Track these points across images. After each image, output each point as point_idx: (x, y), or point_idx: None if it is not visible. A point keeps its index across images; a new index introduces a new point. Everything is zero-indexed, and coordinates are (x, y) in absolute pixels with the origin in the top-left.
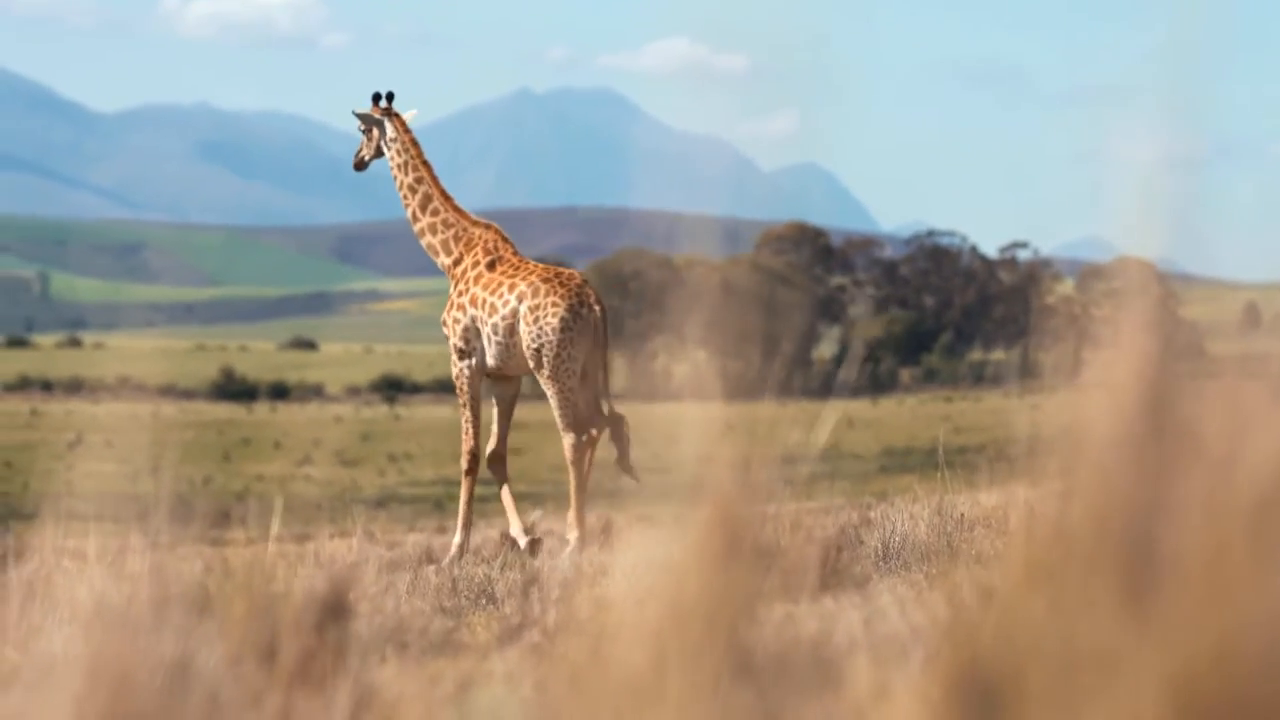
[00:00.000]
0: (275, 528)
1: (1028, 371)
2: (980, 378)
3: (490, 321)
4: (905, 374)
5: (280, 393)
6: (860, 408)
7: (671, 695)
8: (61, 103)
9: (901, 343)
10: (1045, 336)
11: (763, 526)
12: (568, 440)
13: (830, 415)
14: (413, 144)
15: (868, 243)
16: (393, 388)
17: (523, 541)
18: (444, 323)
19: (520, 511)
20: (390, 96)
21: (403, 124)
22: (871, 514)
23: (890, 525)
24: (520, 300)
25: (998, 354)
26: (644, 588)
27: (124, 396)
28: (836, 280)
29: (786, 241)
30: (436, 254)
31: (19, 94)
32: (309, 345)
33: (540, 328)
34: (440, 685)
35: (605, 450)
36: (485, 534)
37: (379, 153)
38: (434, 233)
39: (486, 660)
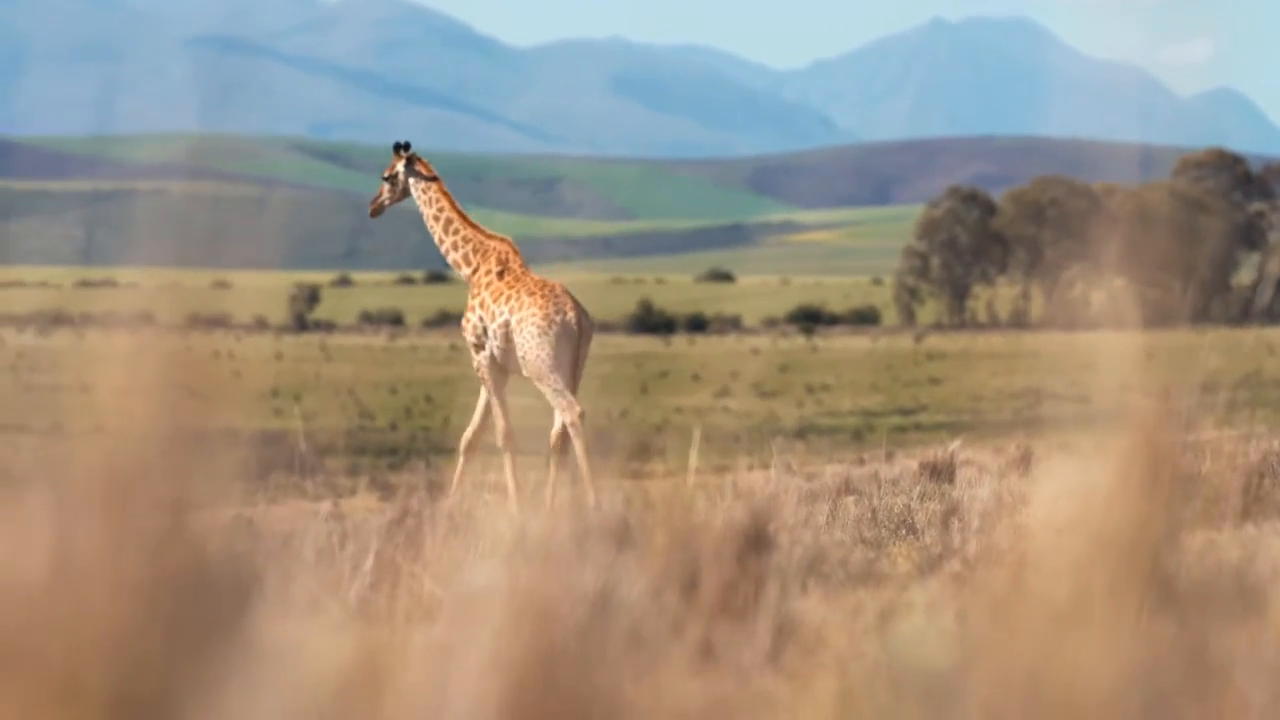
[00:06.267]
0: (694, 459)
1: None
2: None
3: (492, 326)
4: None
5: (698, 325)
6: None
7: (1094, 624)
8: (478, 38)
9: None
10: None
11: (1184, 455)
12: (566, 418)
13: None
14: (433, 179)
15: None
16: (810, 319)
17: None
18: (462, 324)
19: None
20: (407, 145)
21: (426, 165)
22: None
23: None
24: (511, 312)
25: None
26: (1065, 517)
27: None
28: (1255, 206)
29: (1205, 168)
30: (460, 267)
31: (437, 30)
32: (726, 278)
33: (524, 335)
34: (861, 616)
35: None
36: (903, 464)
37: (404, 195)
38: (456, 249)
39: (907, 590)
